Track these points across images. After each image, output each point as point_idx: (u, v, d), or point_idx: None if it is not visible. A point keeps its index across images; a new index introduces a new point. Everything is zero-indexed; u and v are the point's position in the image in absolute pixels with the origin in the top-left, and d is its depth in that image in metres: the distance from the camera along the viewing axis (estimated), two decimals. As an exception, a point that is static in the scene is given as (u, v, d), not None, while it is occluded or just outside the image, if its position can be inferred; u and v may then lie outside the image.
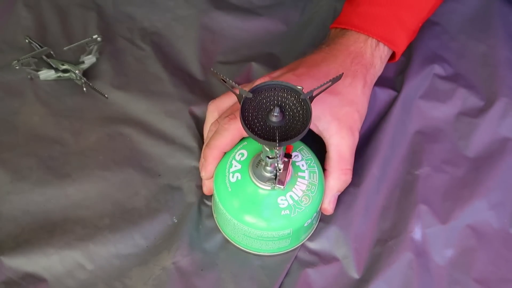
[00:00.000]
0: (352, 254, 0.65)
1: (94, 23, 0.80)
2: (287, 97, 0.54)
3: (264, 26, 0.82)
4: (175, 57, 0.79)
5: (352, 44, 0.69)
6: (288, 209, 0.60)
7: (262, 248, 0.64)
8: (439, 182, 0.70)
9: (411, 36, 0.72)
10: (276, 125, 0.53)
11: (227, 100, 0.68)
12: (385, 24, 0.69)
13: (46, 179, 0.68)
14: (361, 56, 0.69)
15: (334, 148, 0.65)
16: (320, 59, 0.68)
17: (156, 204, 0.68)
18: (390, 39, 0.70)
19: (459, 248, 0.66)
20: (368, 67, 0.69)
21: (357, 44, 0.69)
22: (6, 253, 0.63)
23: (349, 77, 0.67)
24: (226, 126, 0.63)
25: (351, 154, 0.66)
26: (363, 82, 0.68)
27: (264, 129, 0.53)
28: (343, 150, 0.65)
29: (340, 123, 0.65)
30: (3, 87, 0.75)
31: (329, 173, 0.65)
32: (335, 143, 0.65)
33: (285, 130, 0.53)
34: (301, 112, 0.53)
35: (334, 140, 0.65)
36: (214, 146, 0.64)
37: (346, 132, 0.65)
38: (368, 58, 0.69)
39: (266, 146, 0.55)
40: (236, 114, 0.63)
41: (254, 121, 0.53)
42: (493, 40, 0.81)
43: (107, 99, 0.73)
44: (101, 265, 0.64)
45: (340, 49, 0.69)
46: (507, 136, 0.73)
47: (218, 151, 0.64)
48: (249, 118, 0.53)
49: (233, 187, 0.61)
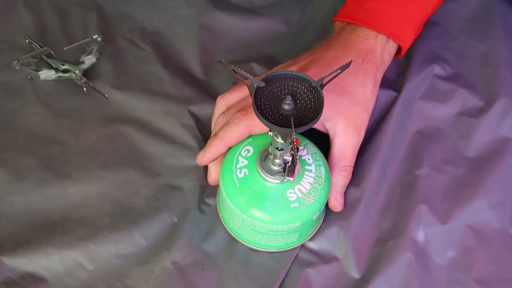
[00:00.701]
0: (352, 254, 0.65)
1: (94, 23, 0.80)
2: (298, 86, 0.56)
3: (264, 26, 0.83)
4: (175, 57, 0.79)
5: (362, 41, 0.69)
6: (297, 201, 0.61)
7: (270, 244, 0.64)
8: (439, 182, 0.70)
9: (417, 32, 0.73)
10: (289, 113, 0.54)
11: (236, 95, 0.68)
12: (394, 20, 0.70)
13: (46, 179, 0.68)
14: (372, 53, 0.69)
15: (337, 146, 0.66)
16: (331, 58, 0.68)
17: (156, 203, 0.68)
18: (398, 35, 0.70)
19: (459, 248, 0.66)
20: (378, 65, 0.69)
21: (367, 41, 0.69)
22: (6, 253, 0.63)
23: (360, 77, 0.68)
24: (236, 120, 0.64)
25: (353, 153, 0.67)
26: (374, 81, 0.69)
27: (277, 117, 0.54)
28: (345, 149, 0.66)
29: (348, 122, 0.66)
30: (3, 87, 0.75)
31: (330, 170, 0.66)
32: (339, 141, 0.66)
33: (298, 117, 0.54)
34: (313, 100, 0.55)
35: (339, 138, 0.66)
36: (221, 137, 0.64)
37: (352, 131, 0.66)
38: (379, 55, 0.69)
39: (280, 134, 0.56)
40: (248, 110, 0.64)
41: (267, 110, 0.54)
42: (493, 40, 0.81)
43: (107, 99, 0.73)
44: (101, 265, 0.64)
45: (350, 46, 0.69)
46: (507, 136, 0.73)
47: (224, 143, 0.64)
48: (262, 107, 0.55)
49: (241, 182, 0.62)
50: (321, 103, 0.55)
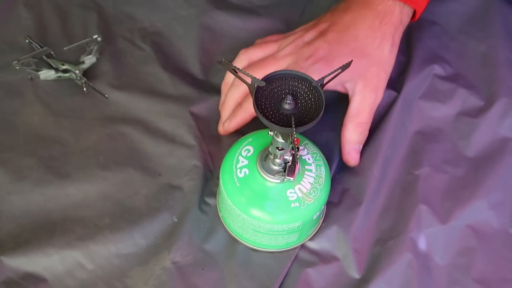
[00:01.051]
0: (352, 254, 0.65)
1: (94, 23, 0.80)
2: (298, 85, 0.56)
3: (264, 26, 0.83)
4: (175, 57, 0.80)
5: (380, 2, 0.70)
6: (297, 201, 0.61)
7: (270, 244, 0.64)
8: (439, 182, 0.70)
9: None
10: (290, 113, 0.55)
11: (260, 52, 0.70)
12: None
13: (46, 179, 0.68)
14: (390, 14, 0.70)
15: (354, 104, 0.69)
16: (349, 21, 0.70)
17: (156, 203, 0.68)
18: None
19: (459, 248, 0.66)
20: (397, 26, 0.70)
21: (385, 2, 0.70)
22: (6, 253, 0.63)
23: (377, 39, 0.69)
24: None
25: (370, 111, 0.69)
26: (391, 42, 0.70)
27: (278, 116, 0.54)
28: (362, 107, 0.69)
29: (366, 82, 0.68)
30: (3, 87, 0.75)
31: (344, 126, 0.68)
32: (357, 100, 0.69)
33: (299, 117, 0.55)
34: (313, 99, 0.56)
35: (356, 97, 0.69)
36: (245, 108, 0.66)
37: (370, 91, 0.68)
38: (397, 16, 0.70)
39: (280, 134, 0.57)
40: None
41: (268, 109, 0.55)
42: (493, 40, 0.81)
43: (107, 99, 0.73)
44: (101, 265, 0.64)
45: (369, 8, 0.70)
46: (507, 136, 0.73)
47: (248, 113, 0.67)
48: (262, 106, 0.55)
49: (242, 182, 0.62)
50: (321, 102, 0.55)
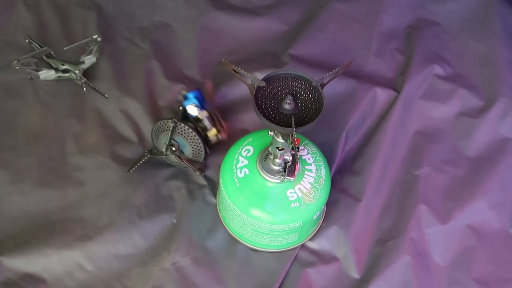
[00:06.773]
0: (352, 254, 0.65)
1: (94, 23, 0.80)
2: (298, 85, 0.56)
3: (264, 26, 0.83)
4: (175, 57, 0.79)
5: None
6: (297, 201, 0.61)
7: (270, 243, 0.64)
8: (439, 182, 0.70)
9: None
10: (290, 113, 0.54)
11: None
12: None
13: (46, 179, 0.68)
14: None
15: None
16: None
17: (155, 204, 0.68)
18: None
19: (459, 248, 0.66)
20: None
21: None
22: (5, 254, 0.63)
23: None
24: None
25: None
26: None
27: (278, 116, 0.54)
28: None
29: None
30: (3, 87, 0.75)
31: None
32: None
33: (299, 117, 0.54)
34: (313, 99, 0.55)
35: None
36: None
37: None
38: None
39: (281, 134, 0.56)
40: None
41: (268, 109, 0.55)
42: (493, 40, 0.81)
43: (107, 99, 0.73)
44: (100, 266, 0.64)
45: None
46: (507, 136, 0.73)
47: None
48: (262, 107, 0.55)
49: (242, 182, 0.62)
50: (321, 102, 0.55)
